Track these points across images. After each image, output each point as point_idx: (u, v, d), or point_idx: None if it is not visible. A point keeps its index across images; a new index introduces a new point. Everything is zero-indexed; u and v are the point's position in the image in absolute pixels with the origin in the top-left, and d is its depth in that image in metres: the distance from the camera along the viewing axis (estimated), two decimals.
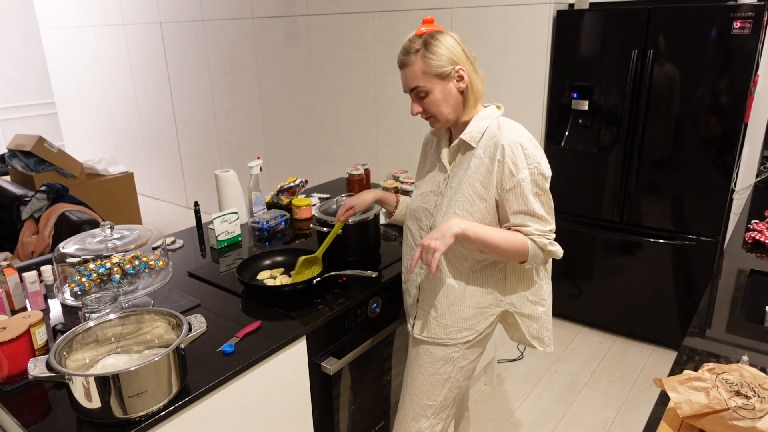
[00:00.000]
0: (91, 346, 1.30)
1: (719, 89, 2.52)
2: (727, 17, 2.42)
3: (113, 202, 4.44)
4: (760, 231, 2.03)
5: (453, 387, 1.57)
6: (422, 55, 1.33)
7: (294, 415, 1.60)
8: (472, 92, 1.39)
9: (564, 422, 2.46)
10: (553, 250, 1.42)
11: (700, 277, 2.78)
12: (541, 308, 1.53)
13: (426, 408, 1.58)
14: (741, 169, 2.71)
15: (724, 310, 1.54)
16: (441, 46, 1.33)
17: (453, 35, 1.36)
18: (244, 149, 4.74)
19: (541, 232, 1.39)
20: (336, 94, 3.92)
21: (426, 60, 1.33)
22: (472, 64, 1.37)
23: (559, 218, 3.11)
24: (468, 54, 1.37)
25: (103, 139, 6.17)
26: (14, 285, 1.65)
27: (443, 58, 1.33)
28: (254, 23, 4.21)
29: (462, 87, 1.37)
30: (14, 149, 4.26)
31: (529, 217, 1.39)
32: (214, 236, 2.08)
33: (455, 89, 1.37)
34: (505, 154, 1.36)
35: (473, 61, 1.38)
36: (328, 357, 1.66)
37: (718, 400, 1.00)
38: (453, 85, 1.37)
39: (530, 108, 3.03)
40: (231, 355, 1.41)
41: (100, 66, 5.75)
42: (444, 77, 1.35)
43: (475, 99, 1.40)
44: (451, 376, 1.56)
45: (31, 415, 1.21)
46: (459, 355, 1.54)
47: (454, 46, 1.34)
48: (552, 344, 1.58)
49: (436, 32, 1.35)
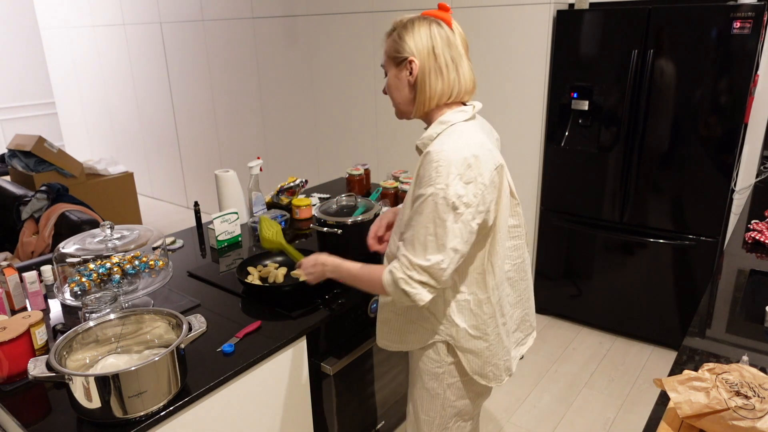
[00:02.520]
0: (91, 346, 1.30)
1: (719, 89, 2.52)
2: (727, 17, 2.42)
3: (113, 202, 4.44)
4: (760, 231, 2.02)
5: (446, 405, 1.44)
6: (393, 37, 1.30)
7: (294, 415, 1.60)
8: (424, 91, 1.27)
9: (564, 422, 2.46)
10: (408, 291, 1.20)
11: (700, 277, 2.78)
12: (483, 343, 1.35)
13: (423, 423, 1.48)
14: (741, 169, 2.71)
15: (724, 310, 1.54)
16: (409, 33, 1.26)
17: (437, 29, 1.26)
18: (244, 149, 4.74)
19: (405, 265, 1.20)
20: (336, 94, 3.92)
21: (391, 42, 1.30)
22: (437, 62, 1.25)
23: (559, 218, 3.11)
24: (438, 51, 1.24)
25: (103, 139, 6.17)
26: (14, 285, 1.65)
27: (404, 45, 1.27)
28: (254, 23, 4.21)
29: (411, 80, 1.28)
30: (14, 149, 4.26)
31: (407, 243, 1.21)
32: (214, 236, 2.08)
33: (405, 80, 1.29)
34: (422, 164, 1.21)
35: (442, 61, 1.25)
36: (328, 357, 1.66)
37: (718, 400, 1.00)
38: (405, 74, 1.29)
39: (530, 108, 3.03)
40: (231, 355, 1.41)
41: (100, 66, 5.75)
42: (398, 63, 1.29)
43: (430, 99, 1.28)
44: (439, 393, 1.42)
45: (31, 415, 1.21)
46: (442, 371, 1.40)
47: (423, 37, 1.25)
48: (499, 379, 1.39)
49: (418, 19, 1.28)
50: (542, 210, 3.17)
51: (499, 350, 1.37)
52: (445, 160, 1.17)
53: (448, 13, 1.29)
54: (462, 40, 1.28)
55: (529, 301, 1.48)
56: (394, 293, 1.24)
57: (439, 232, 1.18)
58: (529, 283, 1.47)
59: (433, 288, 1.20)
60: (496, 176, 1.24)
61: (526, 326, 1.51)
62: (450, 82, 1.26)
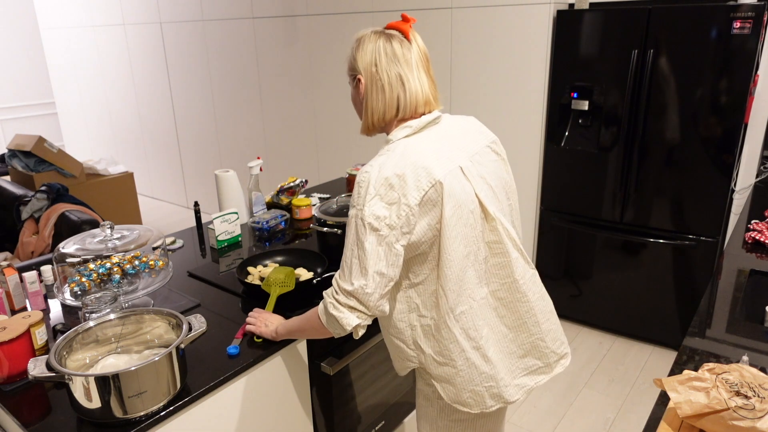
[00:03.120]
0: (91, 346, 1.31)
1: (719, 89, 2.52)
2: (727, 17, 2.42)
3: (113, 202, 4.44)
4: (760, 231, 2.02)
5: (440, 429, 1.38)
6: (349, 55, 1.29)
7: (294, 415, 1.60)
8: (367, 107, 1.25)
9: (564, 422, 2.46)
10: (335, 315, 1.16)
11: (700, 277, 2.78)
12: (451, 369, 1.25)
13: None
14: (741, 169, 2.71)
15: (724, 310, 1.54)
16: (358, 51, 1.25)
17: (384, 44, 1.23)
18: (244, 149, 4.74)
19: (334, 289, 1.18)
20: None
21: (348, 60, 1.29)
22: (380, 79, 1.22)
23: (559, 218, 3.11)
24: (380, 68, 1.22)
25: (103, 139, 6.17)
26: (14, 285, 1.65)
27: (354, 63, 1.26)
28: (254, 23, 4.21)
29: (360, 98, 1.27)
30: (14, 149, 4.26)
31: (340, 266, 1.19)
32: (214, 236, 2.08)
33: (358, 98, 1.28)
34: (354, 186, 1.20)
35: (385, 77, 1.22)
36: (328, 357, 1.66)
37: (718, 400, 1.00)
38: (357, 92, 1.28)
39: (530, 108, 3.03)
40: (236, 357, 1.40)
41: (100, 66, 5.75)
42: (352, 81, 1.29)
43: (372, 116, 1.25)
44: (434, 419, 1.37)
45: (31, 415, 1.21)
46: (431, 391, 1.34)
47: (367, 54, 1.23)
48: (482, 405, 1.28)
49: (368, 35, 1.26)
50: (542, 210, 3.17)
51: (475, 376, 1.25)
52: (365, 181, 1.15)
53: (407, 24, 1.26)
54: (418, 53, 1.25)
55: (537, 325, 1.30)
56: (325, 320, 1.21)
57: (361, 255, 1.13)
58: (534, 306, 1.30)
59: (362, 313, 1.16)
60: (434, 193, 1.15)
61: (544, 353, 1.33)
62: (393, 98, 1.23)
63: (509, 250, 1.26)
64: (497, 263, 1.26)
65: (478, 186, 1.22)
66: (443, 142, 1.24)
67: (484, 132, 1.35)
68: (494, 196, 1.27)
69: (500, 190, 1.30)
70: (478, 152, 1.28)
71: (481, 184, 1.24)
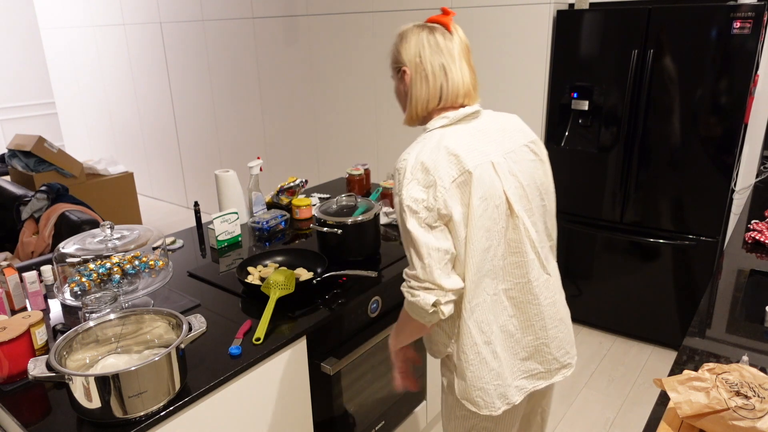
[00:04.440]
0: (91, 346, 1.31)
1: (719, 89, 2.52)
2: (727, 17, 2.42)
3: (113, 202, 4.44)
4: (760, 231, 2.03)
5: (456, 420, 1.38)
6: (392, 48, 1.34)
7: (294, 415, 1.60)
8: (411, 98, 1.30)
9: (564, 422, 2.46)
10: (413, 301, 1.20)
11: (700, 277, 2.78)
12: (464, 363, 1.28)
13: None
14: (741, 169, 2.71)
15: (724, 310, 1.54)
16: (402, 44, 1.30)
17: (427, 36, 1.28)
18: (244, 149, 4.74)
19: (406, 281, 1.22)
20: (336, 94, 3.92)
21: (392, 53, 1.34)
22: (424, 70, 1.27)
23: (559, 218, 3.11)
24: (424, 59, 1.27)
25: (103, 139, 6.17)
26: (14, 285, 1.65)
27: (399, 56, 1.31)
28: (254, 23, 4.21)
29: (406, 89, 1.32)
30: (14, 149, 4.26)
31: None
32: (214, 236, 2.08)
33: (403, 89, 1.33)
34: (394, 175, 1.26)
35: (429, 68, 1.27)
36: (328, 357, 1.66)
37: (718, 400, 1.00)
38: (402, 84, 1.33)
39: (530, 108, 3.03)
40: (238, 358, 1.40)
41: (100, 66, 5.75)
42: (397, 74, 1.34)
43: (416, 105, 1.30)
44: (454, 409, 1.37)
45: (31, 415, 1.21)
46: (448, 381, 1.36)
47: (411, 47, 1.28)
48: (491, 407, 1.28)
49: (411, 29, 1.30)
50: None
51: (485, 373, 1.27)
52: (403, 168, 1.21)
53: (448, 17, 1.30)
54: (460, 44, 1.28)
55: (544, 330, 1.31)
56: (410, 311, 1.24)
57: (412, 239, 1.19)
58: (544, 310, 1.30)
59: (434, 290, 1.18)
60: (464, 181, 1.19)
61: (546, 359, 1.34)
62: (436, 87, 1.27)
63: (527, 250, 1.27)
64: (513, 262, 1.27)
65: (507, 182, 1.25)
66: (478, 136, 1.27)
67: (524, 131, 1.36)
68: (524, 195, 1.28)
69: (532, 190, 1.31)
70: (513, 150, 1.30)
71: (511, 181, 1.26)
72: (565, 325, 1.37)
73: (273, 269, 1.80)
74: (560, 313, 1.36)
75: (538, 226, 1.33)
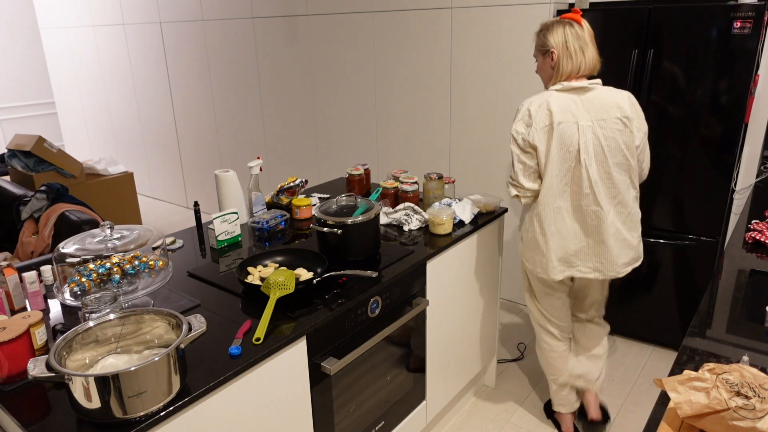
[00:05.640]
0: (91, 346, 1.30)
1: (719, 89, 2.52)
2: (727, 17, 2.42)
3: (113, 202, 4.44)
4: (760, 231, 2.02)
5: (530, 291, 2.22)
6: (539, 36, 1.95)
7: (294, 415, 1.60)
8: (559, 69, 1.90)
9: None
10: (509, 191, 2.00)
11: (700, 277, 2.78)
12: (527, 234, 2.03)
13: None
14: (741, 169, 2.71)
15: (724, 310, 1.53)
16: (550, 33, 1.90)
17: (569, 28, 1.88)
18: (244, 149, 4.74)
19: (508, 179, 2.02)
20: (336, 94, 3.92)
21: (539, 39, 1.95)
22: (568, 51, 1.87)
23: None
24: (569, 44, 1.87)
25: (103, 139, 6.18)
26: (14, 285, 1.65)
27: (547, 41, 1.91)
28: (254, 23, 4.21)
29: (552, 64, 1.92)
30: (14, 149, 4.26)
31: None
32: (214, 236, 2.08)
33: (549, 64, 1.93)
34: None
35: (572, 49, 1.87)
36: (328, 357, 1.66)
37: (719, 400, 1.00)
38: (548, 61, 1.93)
39: None
40: (238, 358, 1.40)
41: (100, 66, 5.75)
42: (544, 54, 1.94)
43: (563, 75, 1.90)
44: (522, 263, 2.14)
45: (31, 415, 1.21)
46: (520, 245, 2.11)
47: (558, 35, 1.88)
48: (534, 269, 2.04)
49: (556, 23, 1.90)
50: None
51: (533, 246, 2.01)
52: (519, 110, 1.93)
53: (578, 15, 1.91)
54: (588, 33, 1.89)
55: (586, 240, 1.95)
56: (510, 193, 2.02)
57: (513, 153, 1.94)
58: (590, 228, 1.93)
59: (515, 186, 1.97)
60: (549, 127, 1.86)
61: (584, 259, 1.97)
62: (578, 63, 1.89)
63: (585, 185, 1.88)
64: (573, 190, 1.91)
65: (584, 138, 1.85)
66: (577, 103, 1.87)
67: (622, 107, 1.88)
68: (600, 151, 1.87)
69: (613, 149, 1.87)
70: (604, 119, 1.87)
71: (590, 138, 1.85)
72: (606, 246, 1.93)
73: (273, 269, 1.80)
74: (603, 235, 1.92)
75: (611, 174, 1.88)
